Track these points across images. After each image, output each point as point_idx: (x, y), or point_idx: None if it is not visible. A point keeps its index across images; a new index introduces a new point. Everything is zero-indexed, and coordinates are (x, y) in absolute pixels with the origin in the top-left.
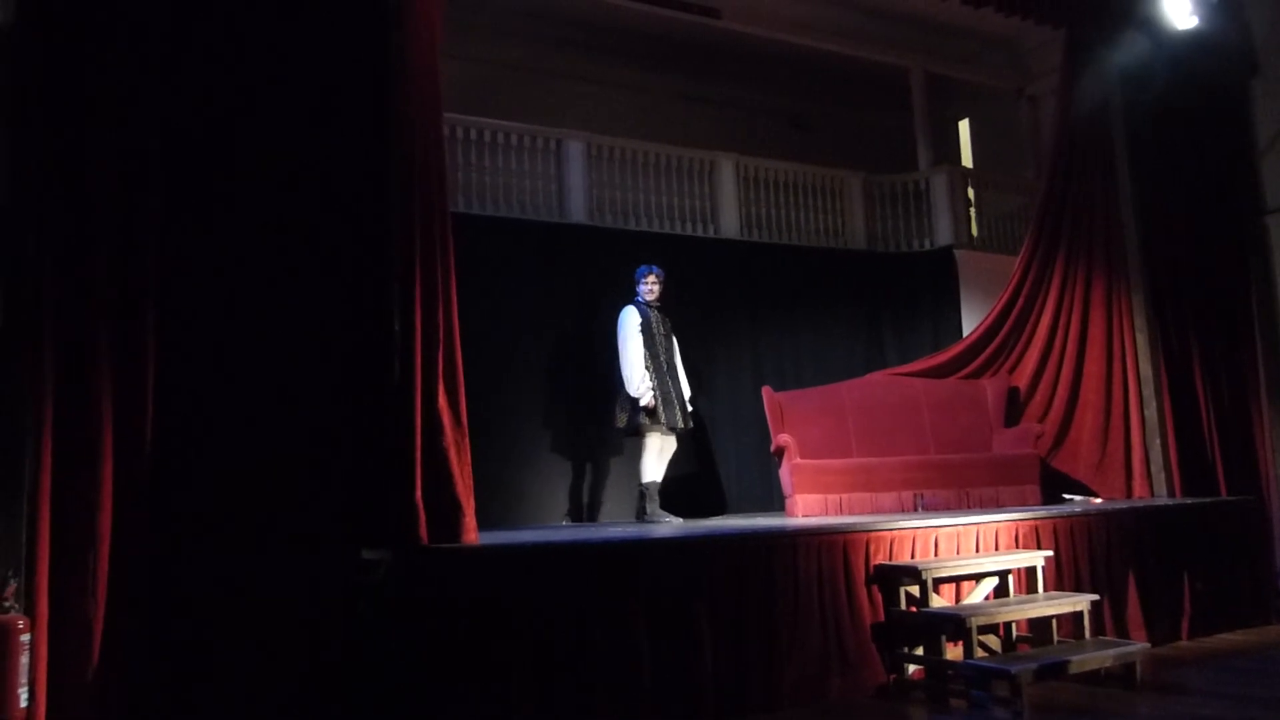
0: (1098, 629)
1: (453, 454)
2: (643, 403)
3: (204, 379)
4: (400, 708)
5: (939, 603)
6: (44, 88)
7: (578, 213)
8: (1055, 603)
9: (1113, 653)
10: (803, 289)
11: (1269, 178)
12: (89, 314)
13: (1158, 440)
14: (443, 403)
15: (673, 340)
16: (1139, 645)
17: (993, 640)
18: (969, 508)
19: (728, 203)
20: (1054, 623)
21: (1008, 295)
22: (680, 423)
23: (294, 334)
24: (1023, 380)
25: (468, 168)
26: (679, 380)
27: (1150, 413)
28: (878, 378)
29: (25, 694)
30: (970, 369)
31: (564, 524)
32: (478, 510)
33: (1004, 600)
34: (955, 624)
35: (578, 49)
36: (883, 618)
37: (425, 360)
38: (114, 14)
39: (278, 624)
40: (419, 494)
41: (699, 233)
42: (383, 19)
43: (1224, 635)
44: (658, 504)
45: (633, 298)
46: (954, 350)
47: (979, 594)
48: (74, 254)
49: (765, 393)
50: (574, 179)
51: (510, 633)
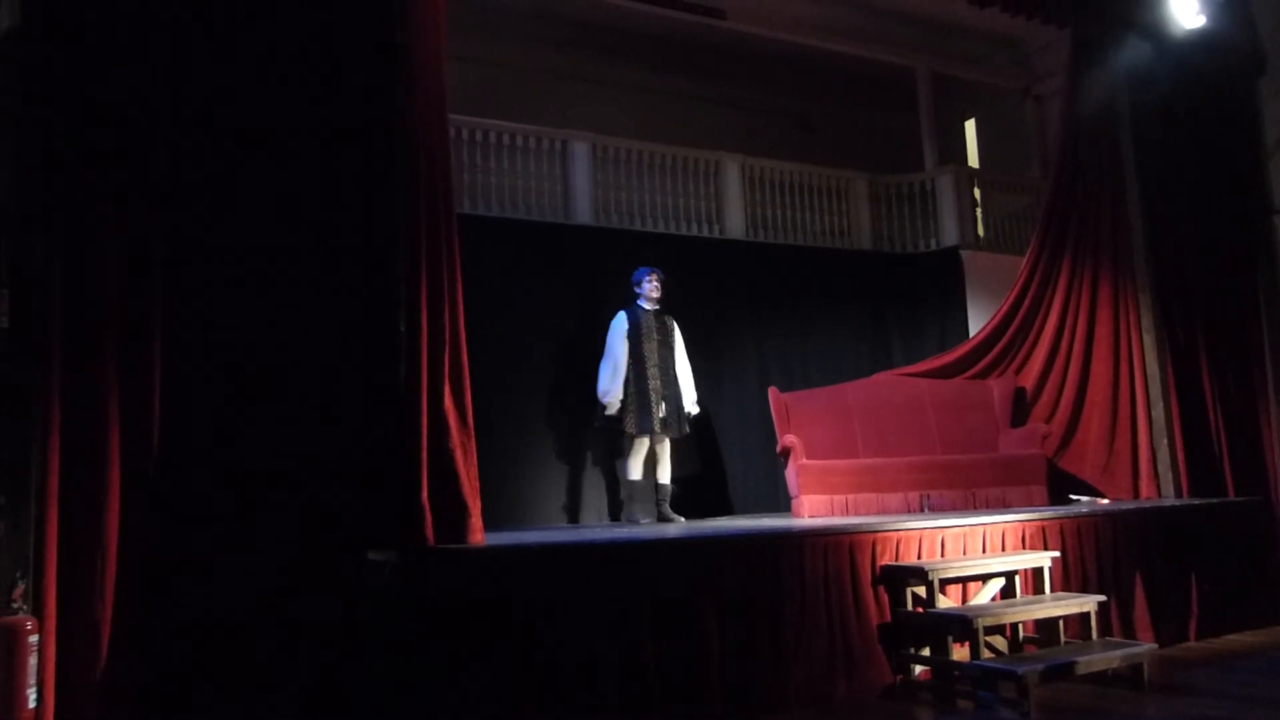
0: (1105, 630)
1: (459, 455)
2: (608, 411)
3: (210, 381)
4: (406, 707)
5: (945, 603)
6: (50, 90)
7: (583, 214)
8: (1062, 603)
9: (1120, 654)
10: (808, 289)
11: (1277, 177)
12: (95, 316)
13: (1165, 440)
14: (449, 403)
15: (673, 343)
16: (1146, 646)
17: (999, 641)
18: (975, 508)
19: (733, 203)
20: (1061, 623)
21: (1014, 295)
22: (655, 428)
23: (300, 335)
24: (1029, 381)
25: (473, 169)
26: (673, 384)
27: (1157, 413)
28: (884, 378)
29: (34, 694)
30: (976, 369)
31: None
32: (484, 511)
33: (1011, 601)
34: (962, 625)
35: (583, 50)
36: (889, 618)
37: (431, 361)
38: (120, 15)
39: (284, 624)
40: (425, 495)
41: (704, 233)
42: (388, 18)
43: (1232, 636)
44: (636, 505)
45: (631, 301)
46: (960, 351)
47: (985, 595)
48: (80, 256)
49: (771, 393)
50: (579, 180)
51: (516, 633)
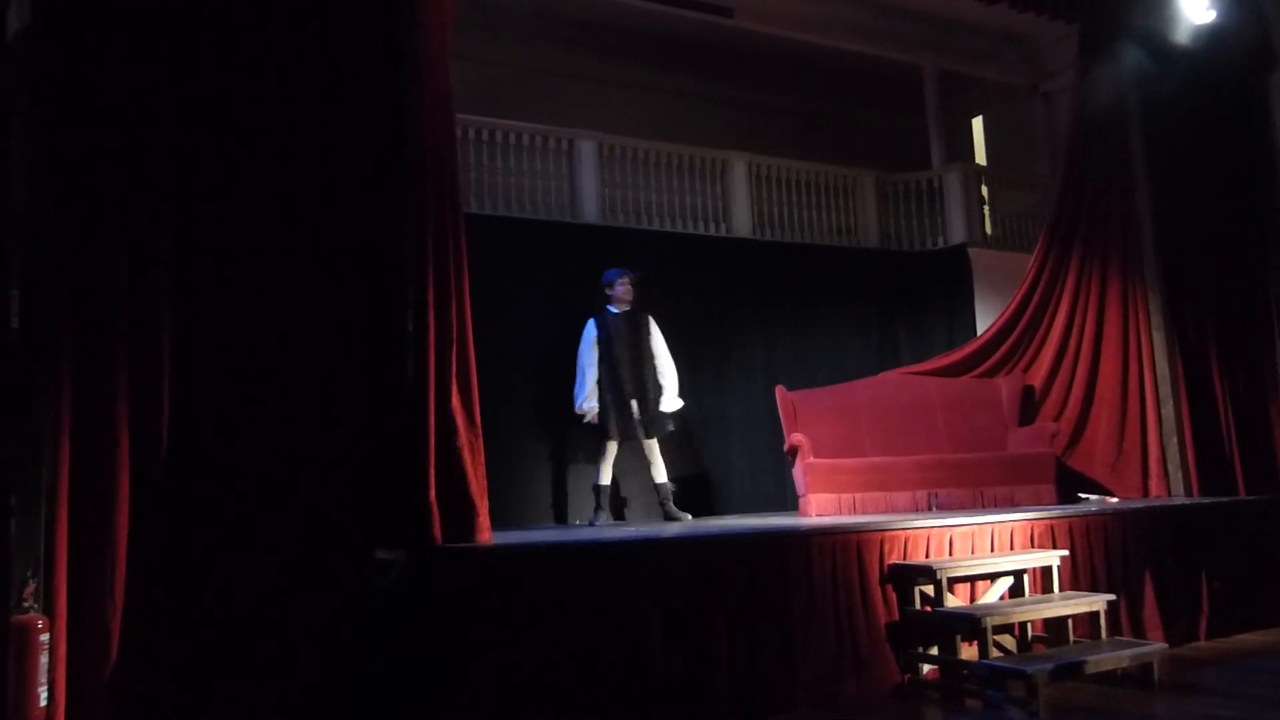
0: (1114, 629)
1: (466, 453)
2: (587, 419)
3: (218, 381)
4: (413, 706)
5: (954, 602)
6: (58, 91)
7: (589, 213)
8: (1071, 603)
9: (1129, 653)
10: (816, 288)
11: None
12: (104, 317)
13: (1175, 439)
14: (456, 402)
15: (646, 342)
16: (1156, 645)
17: (1008, 640)
18: (984, 507)
19: (740, 202)
20: (1070, 623)
21: (1022, 293)
22: (638, 434)
23: (308, 334)
24: (1038, 379)
25: (479, 168)
26: (645, 385)
27: (1167, 411)
28: (891, 376)
29: (45, 693)
30: (985, 367)
31: (579, 523)
32: (491, 509)
33: (1019, 600)
34: (970, 624)
35: (589, 49)
36: (897, 617)
37: (439, 360)
38: (126, 16)
39: (292, 623)
40: (433, 494)
41: (711, 232)
42: (395, 17)
43: (1243, 635)
44: (600, 509)
45: (601, 306)
46: (968, 349)
47: (994, 594)
48: (89, 257)
49: (778, 392)
50: (586, 179)
51: (523, 632)
